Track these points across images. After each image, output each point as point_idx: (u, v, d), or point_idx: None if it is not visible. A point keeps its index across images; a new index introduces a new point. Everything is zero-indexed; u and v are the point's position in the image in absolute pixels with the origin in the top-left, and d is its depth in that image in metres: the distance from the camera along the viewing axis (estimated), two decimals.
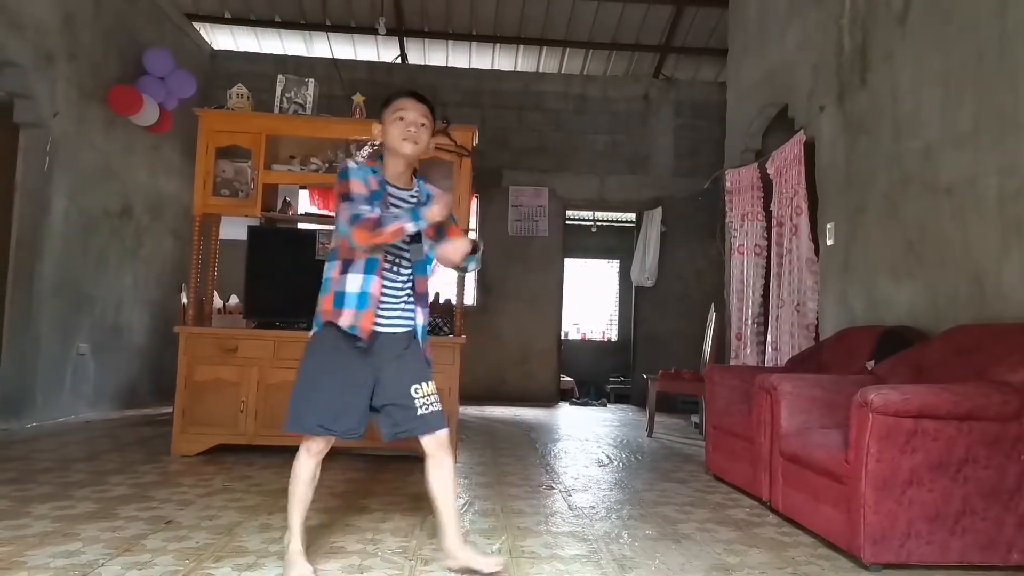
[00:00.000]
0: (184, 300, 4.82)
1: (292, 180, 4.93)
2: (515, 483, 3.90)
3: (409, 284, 2.38)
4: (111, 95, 6.00)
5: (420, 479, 3.84)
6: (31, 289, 5.36)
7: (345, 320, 2.27)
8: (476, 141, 4.74)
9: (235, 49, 8.65)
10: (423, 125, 2.35)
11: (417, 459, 4.34)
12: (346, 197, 2.23)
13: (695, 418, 6.71)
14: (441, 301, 5.52)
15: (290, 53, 8.70)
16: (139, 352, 6.82)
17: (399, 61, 8.70)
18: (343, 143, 4.81)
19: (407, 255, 2.37)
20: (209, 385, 4.36)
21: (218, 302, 4.98)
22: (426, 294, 2.43)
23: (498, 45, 8.64)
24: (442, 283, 6.45)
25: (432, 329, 4.69)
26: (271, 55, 8.60)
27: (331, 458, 4.30)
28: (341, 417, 2.28)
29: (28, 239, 5.38)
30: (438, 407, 2.36)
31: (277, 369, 4.38)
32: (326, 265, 2.38)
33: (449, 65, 8.95)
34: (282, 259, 4.78)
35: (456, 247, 2.33)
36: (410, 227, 2.20)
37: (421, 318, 2.40)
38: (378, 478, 3.88)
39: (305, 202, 6.71)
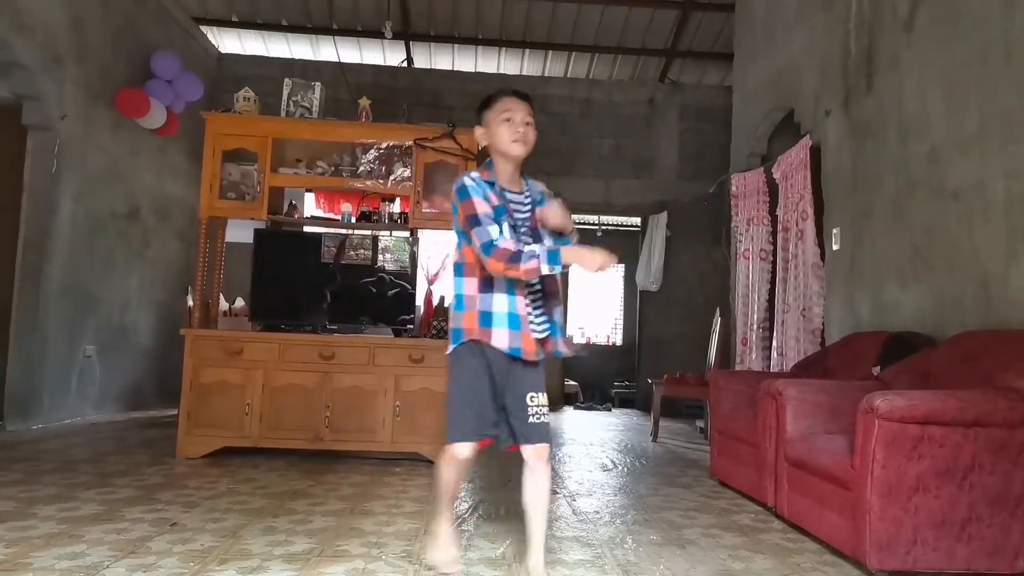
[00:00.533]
0: (190, 302, 4.83)
1: (298, 183, 4.95)
2: (519, 487, 3.89)
3: (539, 288, 2.34)
4: (118, 98, 6.03)
5: (425, 483, 3.86)
6: (38, 291, 5.38)
7: (501, 342, 2.22)
8: (481, 145, 4.73)
9: (242, 52, 8.68)
10: (529, 124, 2.32)
11: (422, 462, 4.36)
12: (474, 220, 2.18)
13: (700, 423, 6.70)
14: (446, 305, 5.53)
15: (296, 57, 8.72)
16: (145, 354, 6.84)
17: (405, 65, 8.72)
18: (349, 146, 4.83)
19: None
20: (214, 387, 4.37)
21: (224, 305, 5.00)
22: (557, 291, 2.38)
23: (504, 49, 8.65)
24: (446, 287, 6.44)
25: (437, 332, 4.70)
26: (278, 59, 8.62)
27: (336, 461, 4.34)
28: (499, 423, 2.31)
29: (35, 241, 5.40)
30: (547, 420, 2.33)
31: (282, 372, 4.40)
32: (455, 280, 2.32)
33: (455, 69, 8.96)
34: (288, 262, 4.80)
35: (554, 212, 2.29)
36: (545, 269, 2.15)
37: (557, 317, 2.36)
38: (382, 481, 3.88)
39: (311, 205, 6.73)
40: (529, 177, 2.43)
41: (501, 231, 2.18)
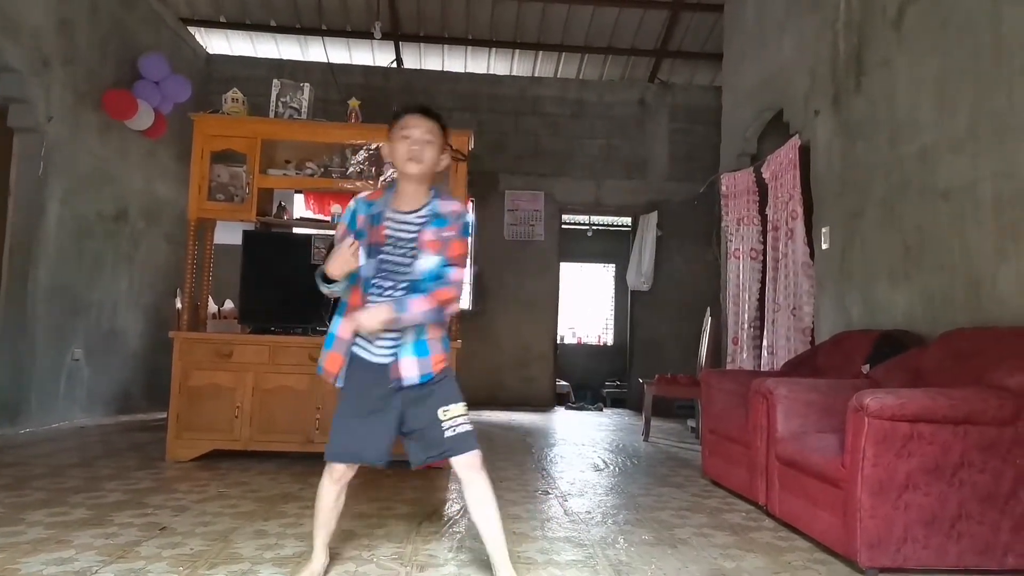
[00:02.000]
0: (179, 305, 4.80)
1: (287, 184, 4.92)
2: (511, 488, 3.89)
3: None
4: (106, 99, 5.99)
5: (416, 485, 3.85)
6: (25, 294, 5.34)
7: (321, 360, 2.29)
8: (472, 146, 4.74)
9: (230, 53, 8.65)
10: (428, 142, 2.25)
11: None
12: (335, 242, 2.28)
13: (691, 422, 6.71)
14: None
15: (286, 57, 8.70)
16: (134, 357, 6.80)
17: (395, 65, 8.71)
18: (338, 147, 4.81)
19: (397, 278, 2.23)
20: (204, 390, 4.34)
21: (213, 307, 4.97)
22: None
23: (494, 49, 8.65)
24: None
25: None
26: (267, 59, 8.59)
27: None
28: (367, 446, 2.27)
29: (23, 244, 5.36)
30: (467, 428, 2.29)
31: (272, 374, 4.37)
32: None
33: (445, 69, 8.95)
34: (277, 264, 4.77)
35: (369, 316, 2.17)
36: (323, 289, 2.25)
37: (409, 336, 2.25)
38: (373, 484, 3.86)
39: (300, 206, 6.71)
40: (443, 197, 2.33)
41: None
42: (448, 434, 2.26)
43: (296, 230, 5.36)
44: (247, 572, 2.37)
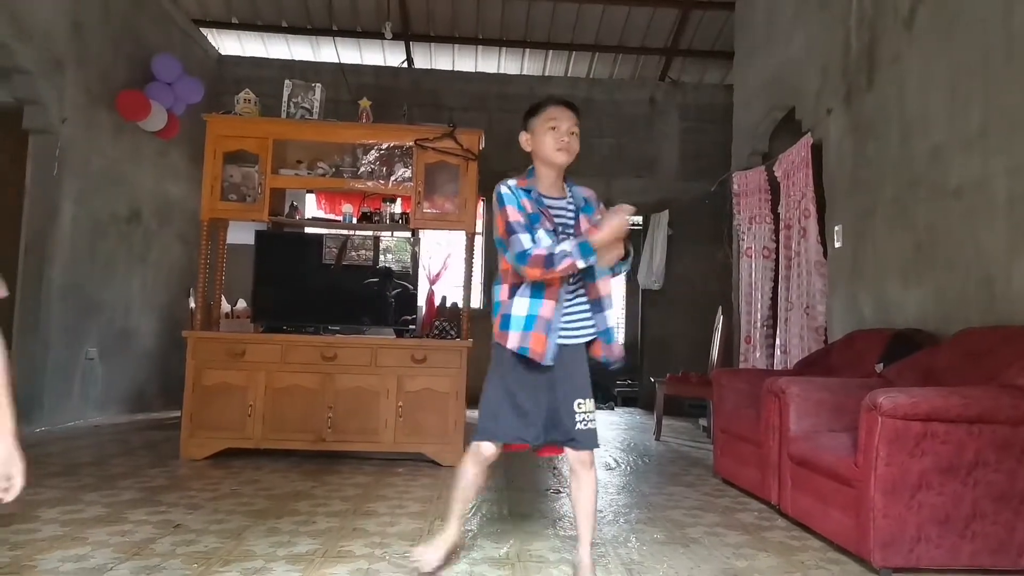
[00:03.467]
0: (192, 304, 4.84)
1: (299, 184, 4.95)
2: (522, 487, 3.90)
3: (581, 291, 2.36)
4: (118, 100, 6.03)
5: (428, 483, 3.86)
6: (40, 294, 5.38)
7: (512, 342, 2.27)
8: (483, 145, 4.75)
9: (242, 54, 8.68)
10: (574, 133, 2.36)
11: (424, 462, 4.36)
12: (509, 229, 2.27)
13: (703, 421, 6.69)
14: (448, 305, 5.53)
15: (297, 58, 8.73)
16: (147, 356, 6.84)
17: (405, 65, 8.72)
18: (350, 147, 4.83)
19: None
20: (217, 389, 4.37)
21: (226, 306, 5.00)
22: (601, 298, 2.39)
23: (504, 49, 8.64)
24: (450, 287, 6.45)
25: (439, 333, 4.70)
26: (278, 60, 8.62)
27: (338, 462, 4.34)
28: (530, 426, 2.32)
29: (37, 244, 5.40)
30: (594, 426, 2.37)
31: (285, 373, 4.40)
32: (494, 288, 2.41)
33: (455, 69, 8.96)
34: (289, 263, 4.80)
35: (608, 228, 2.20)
36: (580, 263, 2.18)
37: (604, 323, 2.38)
38: (385, 482, 3.88)
39: (312, 206, 6.74)
40: (575, 184, 2.48)
41: (534, 239, 2.23)
42: (579, 426, 2.33)
43: (308, 230, 5.39)
44: (261, 569, 2.39)
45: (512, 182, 2.38)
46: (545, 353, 2.25)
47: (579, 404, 2.33)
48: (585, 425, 2.33)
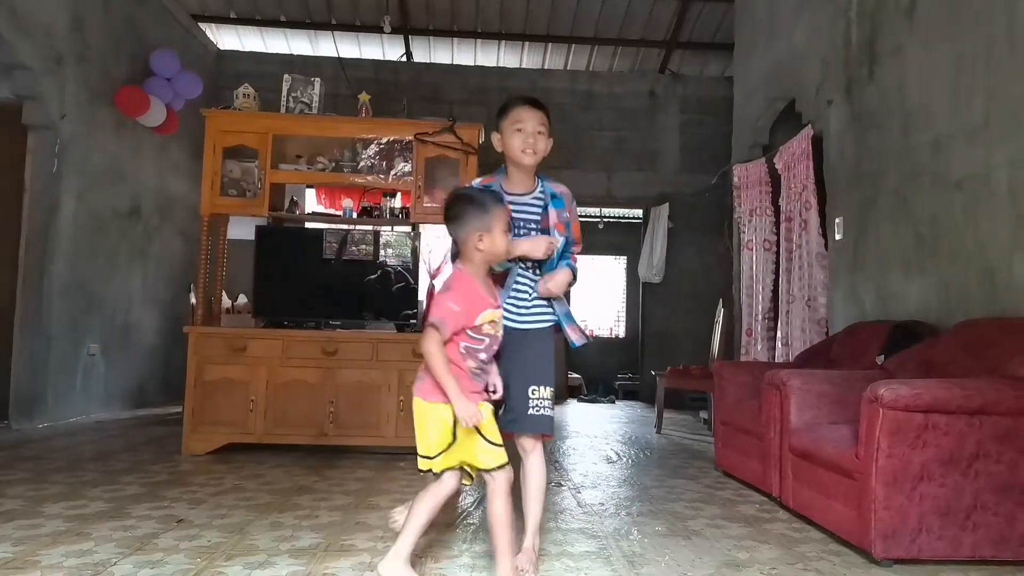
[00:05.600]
0: (193, 300, 4.84)
1: (299, 179, 4.95)
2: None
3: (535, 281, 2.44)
4: (118, 96, 6.02)
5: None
6: (41, 290, 5.39)
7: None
8: (482, 139, 4.74)
9: (241, 49, 8.66)
10: (540, 133, 2.40)
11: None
12: None
13: (704, 414, 6.70)
14: None
15: (296, 53, 8.71)
16: (149, 352, 6.85)
17: (404, 59, 8.70)
18: (349, 142, 4.83)
19: (527, 259, 2.40)
20: (219, 384, 4.38)
21: (227, 302, 5.01)
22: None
23: (503, 42, 8.62)
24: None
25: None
26: (277, 55, 8.60)
27: (340, 457, 4.35)
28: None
29: (38, 240, 5.40)
30: (549, 414, 2.40)
31: (286, 368, 4.40)
32: None
33: (454, 63, 8.94)
34: (290, 258, 4.80)
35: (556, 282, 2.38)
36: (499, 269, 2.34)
37: (560, 309, 2.46)
38: (387, 476, 3.89)
39: (312, 201, 6.72)
40: (547, 179, 2.52)
41: None
42: (531, 412, 2.37)
43: (308, 225, 5.38)
44: (264, 564, 2.39)
45: (478, 181, 2.50)
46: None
47: (533, 391, 2.37)
48: (537, 411, 2.36)
